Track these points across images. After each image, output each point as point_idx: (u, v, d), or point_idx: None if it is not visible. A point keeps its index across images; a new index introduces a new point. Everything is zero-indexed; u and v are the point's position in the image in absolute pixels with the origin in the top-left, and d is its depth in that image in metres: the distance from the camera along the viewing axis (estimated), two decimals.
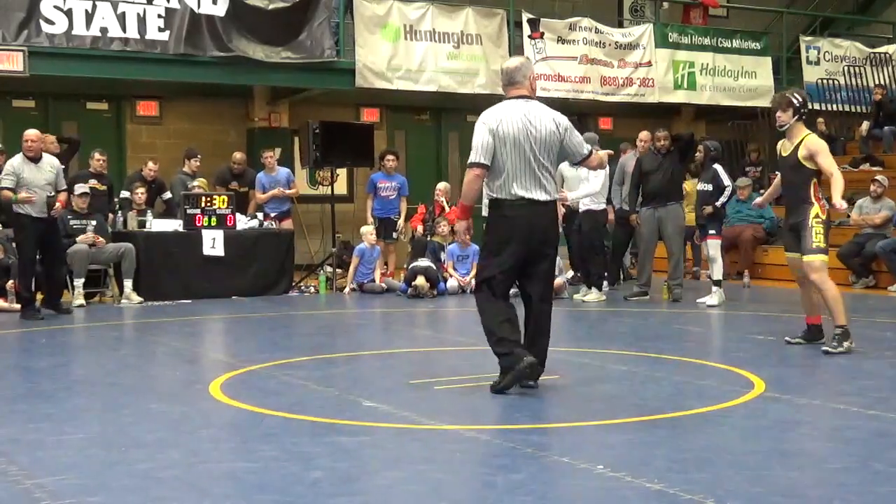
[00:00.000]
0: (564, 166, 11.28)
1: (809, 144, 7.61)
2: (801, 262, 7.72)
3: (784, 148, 7.80)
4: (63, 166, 10.96)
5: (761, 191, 11.89)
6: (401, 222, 13.72)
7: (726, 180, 11.56)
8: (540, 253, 6.15)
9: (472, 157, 6.06)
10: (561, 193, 11.51)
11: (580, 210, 11.70)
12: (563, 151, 6.24)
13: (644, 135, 12.33)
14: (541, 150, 6.07)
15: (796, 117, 7.65)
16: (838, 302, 7.62)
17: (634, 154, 12.57)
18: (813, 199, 7.63)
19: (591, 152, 6.33)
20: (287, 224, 13.70)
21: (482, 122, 6.10)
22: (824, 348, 7.61)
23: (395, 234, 13.72)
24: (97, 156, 12.67)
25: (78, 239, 11.47)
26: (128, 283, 11.63)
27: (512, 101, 6.18)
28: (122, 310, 11.16)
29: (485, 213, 6.66)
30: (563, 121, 6.20)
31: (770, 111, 7.71)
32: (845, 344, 7.58)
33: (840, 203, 7.39)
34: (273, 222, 13.29)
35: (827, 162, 7.55)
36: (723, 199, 11.53)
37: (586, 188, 11.30)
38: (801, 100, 7.69)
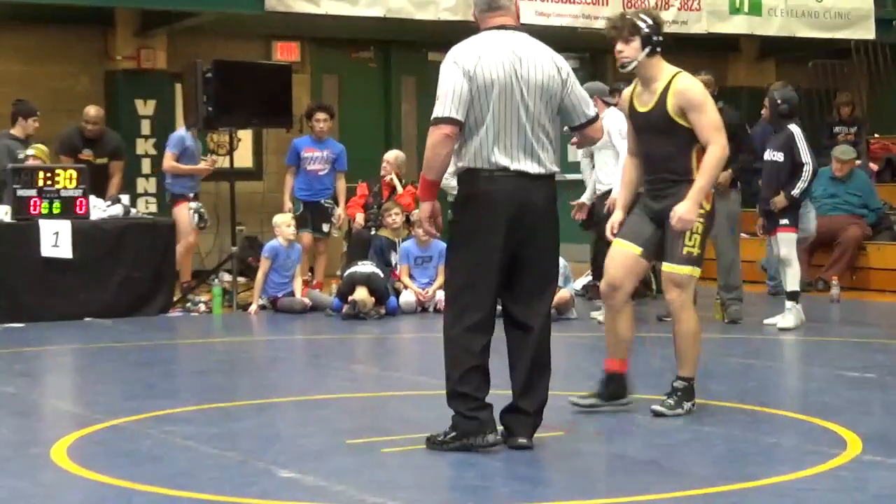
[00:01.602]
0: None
1: (682, 89, 7.02)
2: (642, 262, 7.25)
3: (639, 100, 7.20)
4: None
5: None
6: (340, 210, 13.67)
7: (804, 154, 11.08)
8: (531, 249, 6.22)
9: (439, 111, 6.13)
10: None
11: (596, 192, 11.65)
12: (560, 109, 6.33)
13: None
14: (535, 101, 6.17)
15: (647, 50, 7.04)
16: (693, 342, 7.19)
17: None
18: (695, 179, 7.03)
19: (597, 115, 6.42)
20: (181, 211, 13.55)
21: (453, 62, 6.18)
22: (654, 408, 7.15)
23: (326, 227, 13.68)
24: None
25: None
26: None
27: (493, 32, 6.26)
28: None
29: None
30: (565, 64, 6.31)
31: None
32: (685, 405, 7.14)
33: (691, 204, 6.82)
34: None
35: (705, 121, 6.94)
36: (801, 186, 11.04)
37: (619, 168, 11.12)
38: (651, 23, 7.06)
